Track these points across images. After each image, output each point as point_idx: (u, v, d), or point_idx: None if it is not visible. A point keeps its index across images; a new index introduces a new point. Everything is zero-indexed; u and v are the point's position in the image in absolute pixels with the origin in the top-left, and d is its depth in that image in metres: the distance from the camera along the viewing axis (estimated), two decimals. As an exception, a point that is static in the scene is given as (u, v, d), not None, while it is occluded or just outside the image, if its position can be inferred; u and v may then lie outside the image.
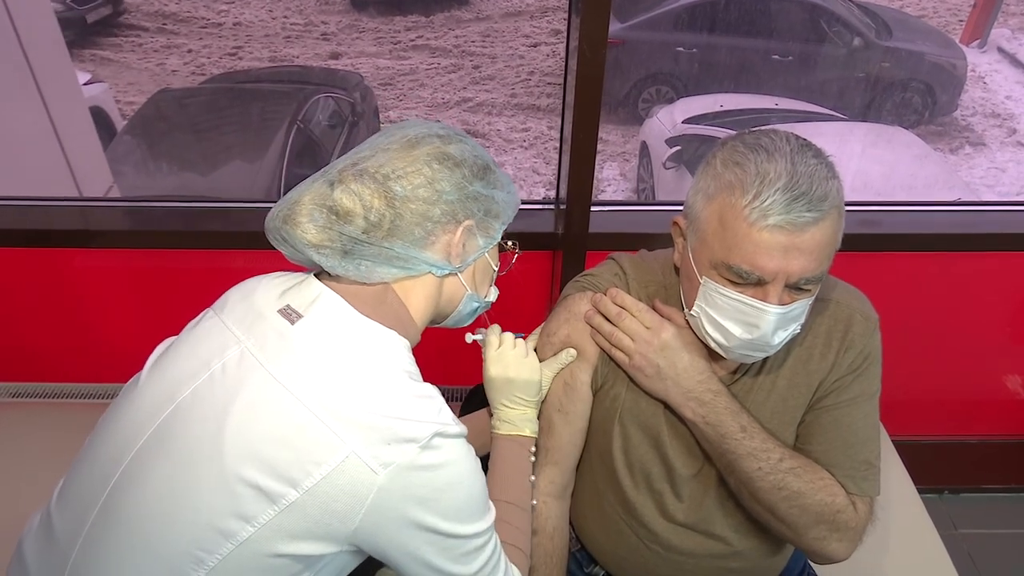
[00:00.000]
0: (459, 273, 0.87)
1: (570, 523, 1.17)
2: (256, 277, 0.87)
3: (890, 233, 1.69)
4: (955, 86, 6.23)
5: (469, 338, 1.03)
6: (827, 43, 6.11)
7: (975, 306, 1.79)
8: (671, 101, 5.75)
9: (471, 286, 0.89)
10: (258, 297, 0.81)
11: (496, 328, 1.02)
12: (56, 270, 1.75)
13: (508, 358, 0.98)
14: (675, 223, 0.96)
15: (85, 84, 3.97)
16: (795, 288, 0.86)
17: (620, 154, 5.72)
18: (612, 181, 5.54)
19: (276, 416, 0.72)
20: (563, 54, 1.46)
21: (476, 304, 0.93)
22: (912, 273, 1.74)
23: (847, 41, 6.11)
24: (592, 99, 1.40)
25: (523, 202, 1.79)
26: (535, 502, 1.01)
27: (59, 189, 2.71)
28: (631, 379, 1.00)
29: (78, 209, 1.88)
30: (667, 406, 0.99)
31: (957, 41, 6.88)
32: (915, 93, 6.16)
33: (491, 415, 1.02)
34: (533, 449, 0.98)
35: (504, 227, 0.90)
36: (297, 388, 0.73)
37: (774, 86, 5.96)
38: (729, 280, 0.87)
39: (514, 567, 0.88)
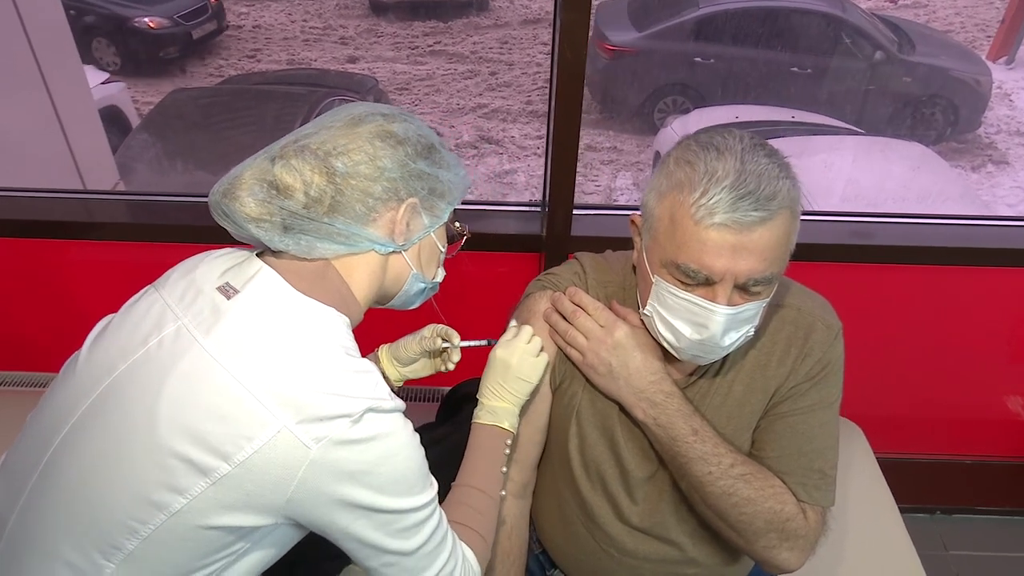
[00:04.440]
0: (404, 252, 0.87)
1: (533, 524, 1.16)
2: (201, 253, 0.87)
3: (883, 245, 1.67)
4: (979, 103, 6.13)
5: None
6: (848, 56, 6.05)
7: (970, 323, 1.76)
8: (687, 112, 5.73)
9: (416, 266, 0.89)
10: (199, 274, 0.82)
11: (524, 326, 1.01)
12: (58, 261, 1.78)
13: (518, 348, 0.97)
14: (632, 222, 0.96)
15: (102, 83, 4.05)
16: (745, 289, 0.85)
17: (634, 164, 5.71)
18: (625, 190, 5.53)
19: (208, 390, 0.73)
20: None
21: (423, 284, 0.92)
22: (906, 287, 1.71)
23: (868, 55, 6.04)
24: (573, 102, 1.39)
25: (512, 204, 1.80)
26: (503, 492, 1.00)
27: (65, 186, 2.75)
28: (587, 378, 1.00)
29: (81, 201, 1.91)
30: (622, 407, 0.98)
31: (983, 57, 6.78)
32: (937, 109, 6.07)
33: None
34: (509, 442, 0.98)
35: (451, 207, 0.90)
36: (230, 363, 0.73)
37: (792, 98, 5.91)
38: (679, 280, 0.86)
39: (467, 548, 0.87)
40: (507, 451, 0.98)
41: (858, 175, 4.12)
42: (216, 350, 0.74)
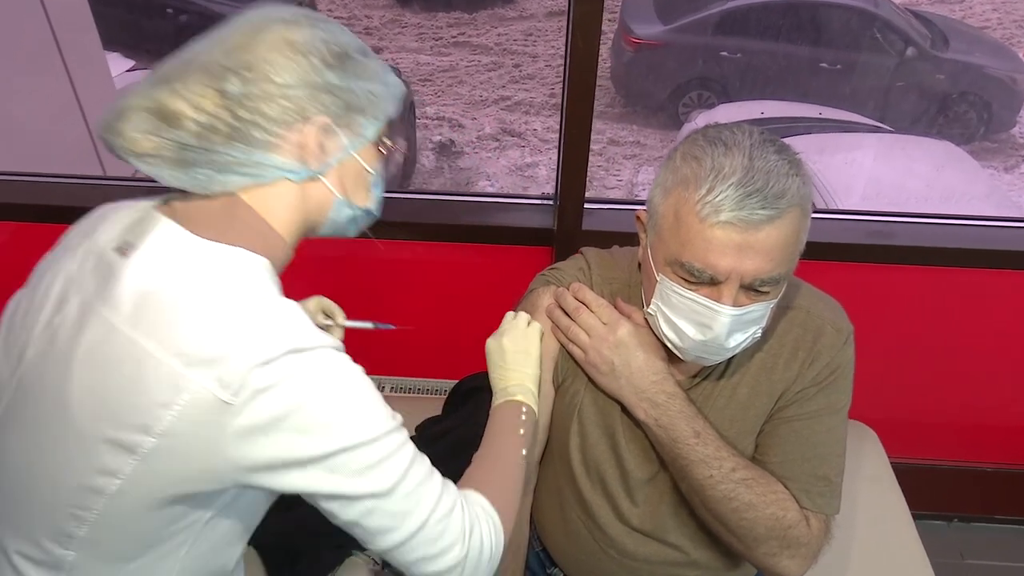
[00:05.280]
0: (322, 177, 0.77)
1: (533, 522, 1.15)
2: (103, 207, 0.79)
3: (901, 245, 1.63)
4: (1014, 101, 5.98)
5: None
6: (878, 52, 5.92)
7: (991, 326, 1.71)
8: (712, 106, 5.66)
9: (340, 191, 0.79)
10: (99, 235, 0.75)
11: (521, 313, 1.01)
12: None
13: (512, 328, 0.98)
14: (638, 218, 0.94)
15: (128, 71, 4.07)
16: (752, 290, 0.82)
17: (657, 159, 5.66)
18: (647, 185, 5.48)
19: (115, 362, 0.67)
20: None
21: (350, 211, 0.82)
22: (924, 288, 1.67)
23: (899, 50, 5.92)
24: (585, 94, 1.37)
25: (523, 197, 1.78)
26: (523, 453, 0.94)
27: (85, 172, 2.78)
28: (589, 377, 0.98)
29: (99, 187, 1.93)
30: (623, 407, 0.96)
31: (1021, 55, 6.60)
32: (970, 107, 5.94)
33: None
34: (524, 410, 0.93)
35: (377, 123, 0.79)
36: (131, 328, 0.67)
37: (820, 94, 5.80)
38: (683, 278, 0.84)
39: (479, 495, 0.81)
40: (523, 416, 0.92)
41: (881, 173, 4.02)
42: (115, 316, 0.68)
